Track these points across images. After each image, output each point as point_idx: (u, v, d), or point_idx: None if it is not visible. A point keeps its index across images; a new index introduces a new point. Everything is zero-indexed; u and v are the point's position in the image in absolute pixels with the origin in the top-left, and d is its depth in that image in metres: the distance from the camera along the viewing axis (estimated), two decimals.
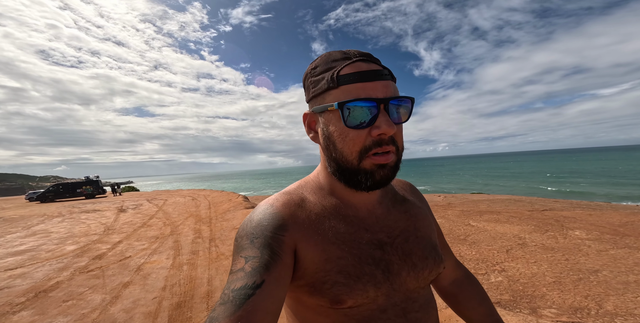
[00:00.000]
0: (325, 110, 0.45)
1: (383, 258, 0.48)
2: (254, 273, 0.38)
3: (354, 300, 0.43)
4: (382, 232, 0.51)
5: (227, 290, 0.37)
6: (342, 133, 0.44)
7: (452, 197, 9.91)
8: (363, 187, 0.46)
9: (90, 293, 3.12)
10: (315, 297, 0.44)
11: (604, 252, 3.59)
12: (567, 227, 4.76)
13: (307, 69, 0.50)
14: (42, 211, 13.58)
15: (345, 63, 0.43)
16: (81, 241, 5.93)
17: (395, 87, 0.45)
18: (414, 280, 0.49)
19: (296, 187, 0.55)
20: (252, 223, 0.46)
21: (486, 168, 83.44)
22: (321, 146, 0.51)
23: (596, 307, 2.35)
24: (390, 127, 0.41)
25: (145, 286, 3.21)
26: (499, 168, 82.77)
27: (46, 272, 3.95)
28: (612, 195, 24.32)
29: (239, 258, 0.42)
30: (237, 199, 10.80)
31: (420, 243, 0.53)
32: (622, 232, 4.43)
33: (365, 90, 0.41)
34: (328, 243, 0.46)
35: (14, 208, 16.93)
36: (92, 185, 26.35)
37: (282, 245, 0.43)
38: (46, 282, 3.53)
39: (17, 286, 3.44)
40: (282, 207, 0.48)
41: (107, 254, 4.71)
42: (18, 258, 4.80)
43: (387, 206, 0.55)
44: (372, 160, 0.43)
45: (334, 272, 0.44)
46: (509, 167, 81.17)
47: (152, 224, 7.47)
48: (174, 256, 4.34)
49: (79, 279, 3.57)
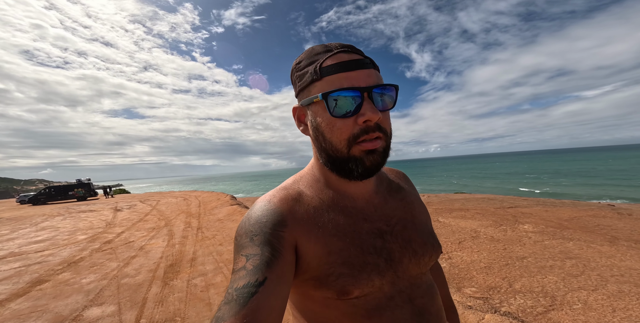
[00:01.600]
0: (312, 102, 0.46)
1: (384, 246, 0.48)
2: (256, 271, 0.38)
3: (360, 289, 0.44)
4: (381, 220, 0.51)
5: (230, 289, 0.37)
6: (330, 123, 0.44)
7: (434, 196, 10.53)
8: (355, 175, 0.46)
9: (108, 262, 4.34)
10: (321, 290, 0.45)
11: (539, 242, 3.97)
12: (520, 221, 5.20)
13: (292, 64, 0.51)
14: (40, 212, 14.44)
15: (327, 55, 0.44)
16: (89, 233, 7.08)
17: (379, 75, 0.46)
18: (416, 266, 0.50)
19: (292, 182, 0.55)
20: (250, 221, 0.46)
21: (474, 169, 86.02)
22: (311, 138, 0.51)
23: (507, 286, 2.70)
24: (374, 113, 0.42)
25: (147, 257, 4.45)
26: (486, 168, 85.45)
27: (70, 252, 5.13)
28: (588, 195, 25.22)
29: (240, 257, 0.42)
30: (224, 198, 12.01)
31: (418, 229, 0.54)
32: (565, 225, 4.87)
33: (348, 80, 0.42)
34: (329, 235, 0.46)
35: (8, 210, 17.63)
36: (84, 188, 26.89)
37: (282, 242, 0.43)
38: (73, 257, 4.73)
39: (52, 260, 4.63)
40: (279, 202, 0.48)
41: (114, 240, 5.91)
42: (41, 244, 5.96)
43: (384, 195, 0.56)
44: (360, 146, 0.44)
45: (337, 263, 0.44)
46: (495, 168, 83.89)
47: (148, 219, 8.64)
48: (168, 239, 5.58)
49: (97, 255, 4.78)
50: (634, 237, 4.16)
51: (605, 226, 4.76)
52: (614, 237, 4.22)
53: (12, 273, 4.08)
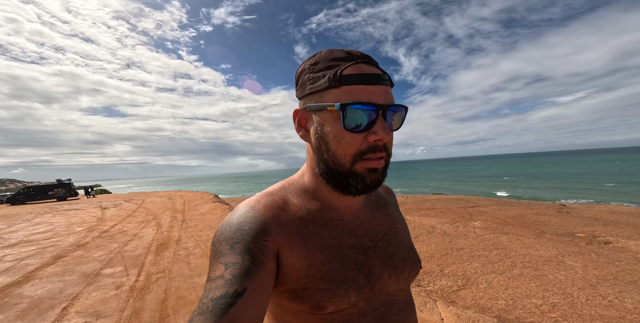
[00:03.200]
0: (323, 109, 0.43)
1: (366, 262, 0.48)
2: (235, 280, 0.36)
3: (335, 306, 0.43)
4: (365, 235, 0.51)
5: (205, 299, 0.35)
6: (338, 135, 0.43)
7: (412, 197, 11.12)
8: (352, 190, 0.45)
9: (109, 244, 5.50)
10: (296, 303, 0.44)
11: (480, 236, 4.36)
12: (473, 219, 5.58)
13: (304, 64, 0.48)
14: (24, 210, 14.93)
15: (348, 63, 0.42)
16: (84, 225, 8.09)
17: (392, 94, 0.45)
18: (395, 282, 0.50)
19: (279, 188, 0.53)
20: (231, 227, 0.44)
21: (456, 172, 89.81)
22: (312, 146, 0.49)
23: (438, 271, 3.01)
24: (387, 133, 0.41)
25: (141, 240, 5.64)
26: (467, 171, 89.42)
27: (74, 239, 6.22)
28: (554, 196, 26.26)
29: (217, 265, 0.39)
30: (208, 197, 13.11)
31: (400, 245, 0.54)
32: (508, 222, 5.28)
33: (368, 94, 0.41)
34: (312, 248, 0.45)
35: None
36: (64, 188, 26.78)
37: (264, 250, 0.41)
38: (79, 242, 5.84)
39: (62, 244, 5.73)
40: (264, 210, 0.46)
41: (110, 230, 7.02)
42: (45, 235, 6.97)
43: (371, 210, 0.56)
44: (365, 164, 0.43)
45: (317, 278, 0.43)
46: (476, 170, 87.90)
47: (136, 215, 9.68)
48: (157, 229, 6.77)
49: (99, 240, 5.92)
50: (559, 231, 4.70)
51: (541, 222, 5.27)
52: (542, 231, 4.72)
53: (34, 252, 5.17)
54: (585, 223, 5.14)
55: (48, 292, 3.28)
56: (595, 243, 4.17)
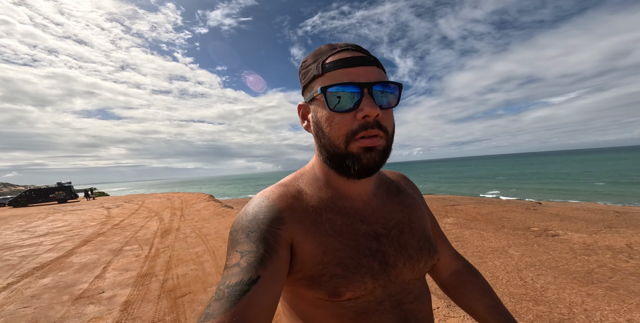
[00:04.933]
0: (313, 98, 0.47)
1: (380, 249, 0.48)
2: (250, 268, 0.38)
3: (352, 292, 0.44)
4: (377, 223, 0.51)
5: (222, 286, 0.37)
6: (329, 118, 0.44)
7: None
8: (352, 172, 0.46)
9: (123, 232, 6.92)
10: (313, 290, 0.45)
11: (447, 231, 4.60)
12: (447, 216, 5.82)
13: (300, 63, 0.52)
14: (33, 211, 16.17)
15: (331, 53, 0.46)
16: (96, 221, 9.47)
17: (382, 73, 0.46)
18: (410, 271, 0.50)
19: (292, 179, 0.55)
20: (247, 217, 0.46)
21: (451, 172, 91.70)
22: (313, 135, 0.52)
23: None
24: (373, 108, 0.41)
25: (148, 229, 7.06)
26: (462, 171, 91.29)
27: (92, 230, 7.62)
28: (539, 196, 26.38)
29: (234, 253, 0.41)
30: (204, 197, 14.51)
31: (415, 234, 0.53)
32: (477, 218, 5.49)
33: (349, 76, 0.43)
34: (326, 235, 0.46)
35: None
36: (65, 191, 27.81)
37: (278, 239, 0.43)
38: (98, 232, 7.25)
39: (84, 234, 7.13)
40: (278, 199, 0.48)
41: (120, 223, 8.43)
42: (66, 228, 8.35)
43: (382, 197, 0.56)
44: (358, 143, 0.43)
45: (332, 264, 0.44)
46: (471, 171, 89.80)
47: (140, 213, 11.08)
48: (160, 222, 8.20)
49: (114, 230, 7.33)
50: (517, 225, 5.05)
51: (506, 218, 5.59)
52: (503, 226, 5.06)
53: (64, 239, 6.58)
54: (544, 219, 5.49)
55: (89, 260, 4.70)
56: (544, 235, 4.50)
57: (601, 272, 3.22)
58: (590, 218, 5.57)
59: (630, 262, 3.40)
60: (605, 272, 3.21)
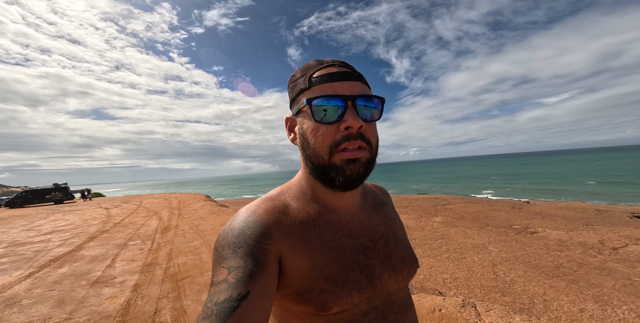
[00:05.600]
0: (300, 110, 0.49)
1: (366, 263, 0.49)
2: (238, 284, 0.38)
3: (340, 306, 0.45)
4: (365, 236, 0.52)
5: (209, 303, 0.37)
6: (314, 129, 0.46)
7: (395, 197, 11.79)
8: (337, 184, 0.47)
9: (125, 230, 7.46)
10: (301, 305, 0.45)
11: (435, 229, 4.74)
12: (437, 215, 5.95)
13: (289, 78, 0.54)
14: (30, 212, 16.51)
15: (317, 68, 0.48)
16: (97, 220, 9.97)
17: (366, 88, 0.48)
18: (394, 281, 0.51)
19: (278, 193, 0.55)
20: (233, 232, 0.45)
21: (447, 172, 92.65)
22: (299, 147, 0.52)
23: None
24: (356, 120, 0.43)
25: (149, 227, 7.61)
26: (458, 171, 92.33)
27: (96, 228, 8.14)
28: (532, 195, 27.41)
29: (220, 269, 0.41)
30: (200, 197, 15.03)
31: (398, 245, 0.56)
32: (464, 217, 5.65)
33: (333, 89, 0.45)
34: (314, 251, 0.47)
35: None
36: (61, 192, 27.98)
37: (267, 254, 0.43)
38: (101, 230, 7.78)
39: (89, 231, 7.66)
40: (265, 214, 0.48)
41: (122, 222, 8.96)
42: (69, 226, 8.84)
43: (369, 211, 0.57)
44: (341, 155, 0.45)
45: (320, 279, 0.45)
46: (467, 170, 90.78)
47: (139, 212, 11.58)
48: (159, 220, 8.75)
49: (116, 228, 7.87)
50: (501, 223, 5.21)
51: (491, 217, 5.78)
52: (487, 224, 5.20)
53: (71, 236, 7.11)
54: (527, 217, 5.65)
55: (98, 253, 5.26)
56: (523, 233, 4.66)
57: (568, 266, 3.36)
58: (571, 216, 5.66)
59: (598, 257, 3.57)
60: (572, 266, 3.36)
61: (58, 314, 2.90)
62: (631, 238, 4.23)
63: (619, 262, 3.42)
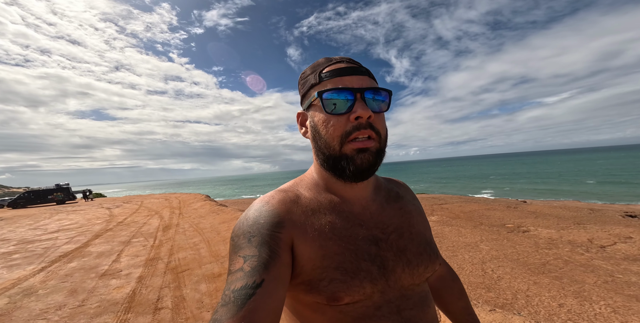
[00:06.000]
0: (311, 104, 0.51)
1: (378, 254, 0.49)
2: (253, 272, 0.39)
3: (351, 296, 0.45)
4: (376, 228, 0.52)
5: (227, 291, 0.38)
6: (325, 120, 0.48)
7: None
8: (347, 173, 0.48)
9: (128, 228, 7.81)
10: (312, 295, 0.45)
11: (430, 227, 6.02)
12: (433, 214, 5.95)
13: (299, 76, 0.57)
14: (36, 212, 16.89)
15: (327, 64, 0.51)
16: (101, 219, 10.32)
17: (373, 81, 0.51)
18: (409, 276, 0.50)
19: (292, 184, 0.57)
20: (248, 222, 0.48)
21: (446, 172, 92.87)
22: (311, 140, 0.54)
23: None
24: (365, 110, 0.45)
25: (151, 226, 7.96)
26: (458, 171, 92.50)
27: (100, 227, 8.49)
28: (530, 195, 26.89)
29: (237, 258, 0.43)
30: (200, 197, 15.38)
31: (414, 239, 0.54)
32: (459, 216, 5.73)
33: (342, 82, 0.48)
34: (325, 239, 0.47)
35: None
36: (63, 192, 28.34)
37: (279, 243, 0.45)
38: (105, 228, 8.13)
39: (93, 230, 8.02)
40: (277, 204, 0.50)
41: (124, 221, 9.30)
42: (74, 225, 9.20)
43: (381, 203, 0.58)
44: (351, 145, 0.47)
45: (331, 268, 0.45)
46: (466, 170, 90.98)
47: (141, 212, 11.94)
48: (160, 219, 9.10)
49: (120, 227, 8.22)
50: (495, 222, 5.30)
51: (486, 216, 5.89)
52: (481, 223, 5.28)
53: (77, 234, 7.46)
54: (521, 216, 5.71)
55: (104, 249, 5.61)
56: (515, 231, 4.72)
57: (555, 263, 3.41)
58: (564, 215, 5.69)
59: (585, 255, 3.62)
60: (558, 263, 3.41)
61: (72, 302, 3.24)
62: (620, 236, 4.28)
63: (605, 260, 3.48)
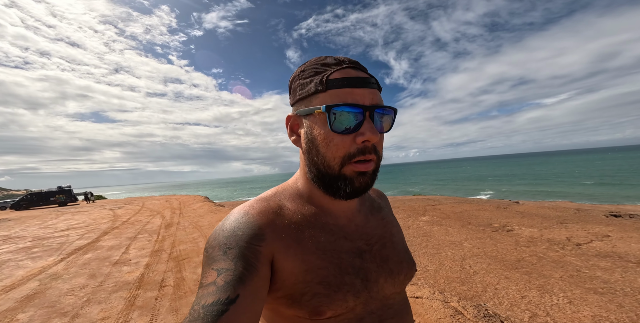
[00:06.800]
0: (312, 113, 0.45)
1: (362, 266, 0.48)
2: (228, 287, 0.36)
3: (334, 311, 0.43)
4: (361, 239, 0.51)
5: (196, 306, 0.35)
6: (327, 137, 0.44)
7: (392, 198, 12.25)
8: (342, 194, 0.46)
9: (133, 226, 8.51)
10: (293, 309, 0.44)
11: (419, 227, 4.91)
12: (425, 214, 6.06)
13: (295, 71, 0.50)
14: (41, 213, 17.53)
15: (335, 68, 0.44)
16: (106, 219, 11.01)
17: (380, 96, 0.46)
18: (391, 285, 0.50)
19: (273, 194, 0.54)
20: (225, 233, 0.44)
21: (446, 173, 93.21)
22: (302, 150, 0.50)
23: None
24: (374, 134, 0.42)
25: (154, 224, 8.67)
26: (457, 172, 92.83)
27: (106, 226, 9.19)
28: (523, 196, 27.11)
29: (210, 271, 0.39)
30: (199, 198, 16.08)
31: (395, 248, 0.54)
32: (450, 216, 5.84)
33: (353, 96, 0.42)
34: (308, 253, 0.45)
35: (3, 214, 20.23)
36: (65, 194, 28.86)
37: (258, 256, 0.42)
38: (112, 226, 8.83)
39: (101, 228, 8.71)
40: (258, 215, 0.47)
41: (129, 220, 10.00)
42: (82, 224, 9.88)
43: (366, 214, 0.57)
44: (353, 167, 0.43)
45: (314, 282, 0.43)
46: (466, 172, 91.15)
47: (143, 212, 12.63)
48: (162, 218, 9.81)
49: (125, 225, 8.92)
50: (482, 222, 5.42)
51: (475, 216, 6.07)
52: (469, 223, 5.41)
53: (86, 231, 8.15)
54: (508, 216, 5.85)
55: (114, 244, 6.32)
56: (500, 230, 4.87)
57: (529, 260, 3.54)
58: (550, 215, 5.79)
59: (560, 252, 3.72)
60: (532, 260, 3.54)
61: (92, 283, 3.94)
62: (598, 235, 4.40)
63: (576, 256, 3.60)
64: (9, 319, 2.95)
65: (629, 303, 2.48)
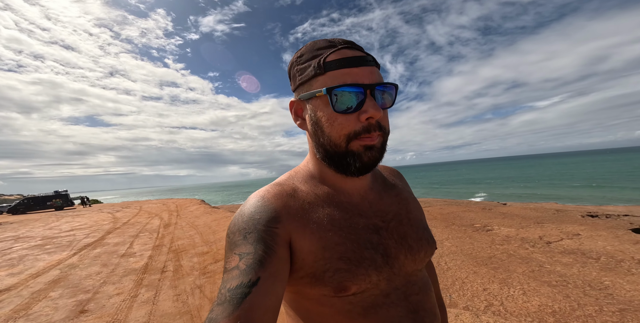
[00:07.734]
0: (313, 96, 0.46)
1: (380, 242, 0.49)
2: (249, 270, 0.38)
3: (358, 285, 0.44)
4: (376, 216, 0.52)
5: (223, 290, 0.38)
6: (330, 118, 0.45)
7: None
8: (352, 170, 0.47)
9: (134, 226, 9.25)
10: (317, 287, 0.45)
11: None
12: None
13: (292, 58, 0.51)
14: (40, 217, 18.04)
15: (331, 50, 0.45)
16: (107, 221, 11.71)
17: (379, 73, 0.47)
18: (412, 262, 0.51)
19: (287, 178, 0.55)
20: (243, 218, 0.46)
21: (442, 176, 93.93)
22: (309, 133, 0.52)
23: None
24: (377, 110, 0.42)
25: (153, 224, 9.42)
26: (453, 175, 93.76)
27: (108, 226, 9.91)
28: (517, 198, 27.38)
29: (232, 256, 0.42)
30: (196, 201, 16.81)
31: (413, 225, 0.55)
32: (437, 217, 5.97)
33: (352, 76, 0.43)
34: (324, 230, 0.46)
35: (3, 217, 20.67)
36: (62, 199, 29.13)
37: (276, 239, 0.43)
38: (114, 227, 9.55)
39: (104, 228, 9.43)
40: (273, 198, 0.49)
41: (129, 222, 10.73)
42: (85, 225, 10.58)
43: (379, 191, 0.57)
44: (360, 141, 0.44)
45: (334, 258, 0.44)
46: (461, 174, 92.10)
47: (142, 214, 13.34)
48: (160, 220, 10.56)
49: (126, 226, 9.65)
50: (465, 223, 5.55)
51: (460, 217, 6.20)
52: (453, 223, 5.55)
53: (90, 231, 8.88)
54: (491, 217, 6.04)
55: (118, 241, 7.07)
56: (480, 230, 4.99)
57: (499, 257, 3.67)
58: (529, 215, 5.94)
59: (529, 250, 3.85)
60: (502, 257, 3.66)
61: (105, 271, 4.72)
62: (569, 233, 4.53)
63: (543, 253, 3.72)
64: (44, 296, 3.73)
65: (575, 294, 2.62)
